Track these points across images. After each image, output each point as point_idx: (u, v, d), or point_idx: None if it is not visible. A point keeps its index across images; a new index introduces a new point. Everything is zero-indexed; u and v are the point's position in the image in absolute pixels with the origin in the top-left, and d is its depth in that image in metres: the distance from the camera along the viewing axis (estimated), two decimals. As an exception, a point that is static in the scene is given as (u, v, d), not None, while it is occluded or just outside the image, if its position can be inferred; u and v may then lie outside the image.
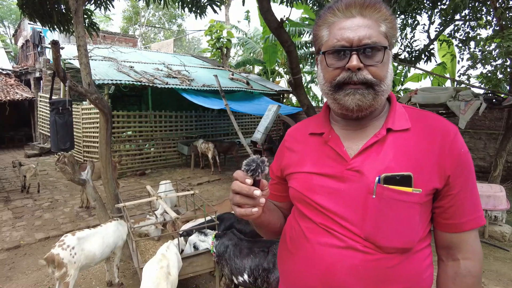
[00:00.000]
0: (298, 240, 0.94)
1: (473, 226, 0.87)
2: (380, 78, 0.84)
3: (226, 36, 12.95)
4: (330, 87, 0.87)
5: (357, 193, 0.85)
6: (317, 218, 0.90)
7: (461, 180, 0.85)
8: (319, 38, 0.90)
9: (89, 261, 2.88)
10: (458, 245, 0.89)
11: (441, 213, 0.88)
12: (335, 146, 0.91)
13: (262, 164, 0.75)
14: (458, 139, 0.87)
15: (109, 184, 3.81)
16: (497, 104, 5.27)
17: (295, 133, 1.06)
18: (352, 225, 0.84)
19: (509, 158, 7.51)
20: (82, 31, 3.06)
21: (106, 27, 25.95)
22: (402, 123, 0.89)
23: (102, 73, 7.68)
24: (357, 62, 0.81)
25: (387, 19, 0.86)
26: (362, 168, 0.85)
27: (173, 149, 9.30)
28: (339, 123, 0.96)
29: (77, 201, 5.96)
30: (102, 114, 3.38)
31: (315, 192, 0.90)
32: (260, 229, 1.04)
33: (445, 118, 0.90)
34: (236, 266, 2.27)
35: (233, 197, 0.78)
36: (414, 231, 0.84)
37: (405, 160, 0.84)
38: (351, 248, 0.84)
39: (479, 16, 5.91)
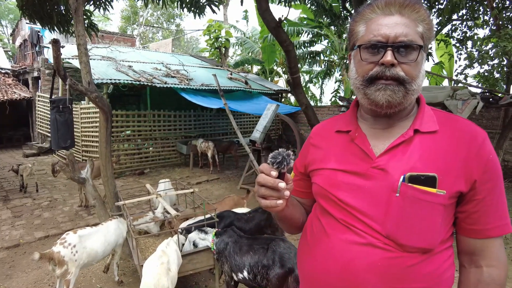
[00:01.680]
0: (318, 236, 0.96)
1: (499, 233, 0.86)
2: (412, 77, 0.84)
3: (225, 36, 12.97)
4: (362, 81, 0.88)
5: (381, 191, 0.86)
6: (338, 214, 0.91)
7: (488, 186, 0.84)
8: (355, 33, 0.92)
9: (91, 259, 2.90)
10: (482, 252, 0.88)
11: (465, 218, 0.88)
12: (361, 144, 0.92)
13: (287, 157, 0.76)
14: (487, 144, 0.86)
15: (109, 183, 3.83)
16: (494, 103, 5.31)
17: (321, 130, 1.08)
18: (374, 222, 0.85)
19: (506, 157, 7.56)
20: (82, 30, 3.08)
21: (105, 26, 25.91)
22: (430, 125, 0.89)
23: (101, 73, 7.68)
24: (392, 58, 0.82)
25: (425, 20, 0.87)
26: (387, 167, 0.86)
27: (172, 148, 9.31)
28: (367, 121, 0.97)
29: (76, 200, 5.97)
30: (102, 113, 3.40)
31: (339, 189, 0.92)
32: (282, 222, 1.06)
33: (474, 124, 0.90)
34: (235, 263, 2.30)
35: (258, 189, 0.80)
36: (436, 232, 0.84)
37: (431, 161, 0.84)
38: (371, 245, 0.85)
39: (477, 16, 5.95)
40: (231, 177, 8.07)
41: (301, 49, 11.91)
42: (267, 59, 12.44)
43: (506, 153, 7.42)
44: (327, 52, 12.34)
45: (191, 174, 8.25)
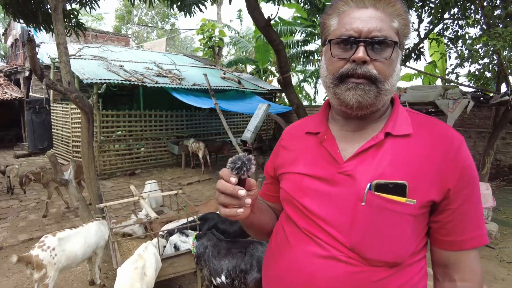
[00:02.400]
0: (282, 246, 0.90)
1: (474, 245, 0.80)
2: (385, 76, 0.78)
3: (218, 35, 12.91)
4: (332, 79, 0.81)
5: (346, 198, 0.79)
6: (302, 223, 0.85)
7: (462, 194, 0.78)
8: (327, 27, 0.85)
9: (70, 262, 2.84)
10: (456, 265, 0.82)
11: (438, 228, 0.81)
12: (329, 147, 0.86)
13: (248, 162, 0.70)
14: (463, 150, 0.80)
15: (92, 184, 3.76)
16: (485, 102, 5.29)
17: (292, 132, 1.01)
18: (338, 233, 0.79)
19: (498, 156, 7.55)
20: (61, 29, 3.01)
21: (99, 26, 25.78)
22: (403, 128, 0.83)
23: (91, 72, 7.60)
24: (364, 54, 0.76)
25: (401, 15, 0.80)
26: (354, 173, 0.80)
27: (164, 148, 9.24)
28: (337, 123, 0.90)
29: (64, 202, 5.88)
30: (83, 113, 3.33)
31: (305, 195, 0.85)
32: (249, 229, 1.00)
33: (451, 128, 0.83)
34: (214, 267, 2.24)
35: (218, 196, 0.74)
36: (404, 245, 0.78)
37: (401, 167, 0.78)
38: (334, 258, 0.79)
39: (468, 14, 5.92)
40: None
41: (295, 49, 11.86)
42: (260, 59, 12.38)
43: (498, 152, 7.42)
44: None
45: (182, 175, 8.18)
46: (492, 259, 3.75)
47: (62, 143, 9.41)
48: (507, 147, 7.55)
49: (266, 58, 12.49)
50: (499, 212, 5.30)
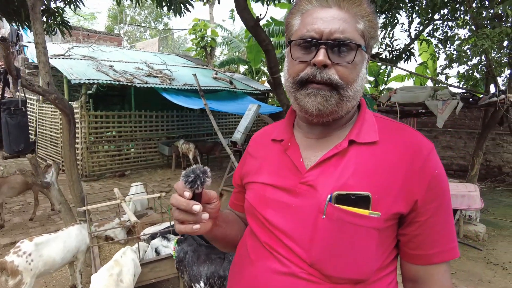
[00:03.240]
0: (244, 261, 0.85)
1: (443, 259, 0.75)
2: (347, 81, 0.73)
3: (211, 35, 12.83)
4: (292, 83, 0.77)
5: (307, 211, 0.74)
6: (263, 237, 0.80)
7: (431, 206, 0.73)
8: (290, 27, 0.80)
9: (48, 267, 2.76)
10: (425, 280, 0.77)
11: (407, 241, 0.76)
12: (293, 156, 0.81)
13: (202, 175, 0.66)
14: (432, 158, 0.75)
15: (75, 187, 3.68)
16: (474, 103, 5.31)
17: (259, 139, 0.96)
18: (299, 247, 0.74)
19: (488, 157, 7.59)
20: (40, 28, 2.93)
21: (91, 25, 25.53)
22: (369, 135, 0.78)
23: (79, 72, 7.49)
24: (324, 58, 0.71)
25: (367, 16, 0.76)
26: (316, 183, 0.75)
27: (154, 149, 9.15)
28: (302, 130, 0.86)
29: (49, 204, 5.77)
30: (63, 115, 3.25)
31: (267, 206, 0.80)
32: (214, 242, 0.94)
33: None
34: (193, 273, 2.19)
35: (173, 211, 0.68)
36: (369, 261, 0.72)
37: (365, 177, 0.73)
38: (294, 275, 0.73)
39: (457, 15, 5.93)
40: (214, 179, 7.91)
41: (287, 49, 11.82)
42: (253, 59, 12.34)
43: (487, 153, 7.45)
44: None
45: (173, 176, 8.10)
46: (479, 261, 3.74)
47: (51, 145, 9.28)
48: (497, 148, 7.59)
49: (259, 59, 12.44)
50: (488, 213, 5.31)
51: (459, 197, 4.26)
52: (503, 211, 5.52)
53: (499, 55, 5.10)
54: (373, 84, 11.77)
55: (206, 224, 0.71)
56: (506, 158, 7.51)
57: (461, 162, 7.99)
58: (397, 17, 6.46)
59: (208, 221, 0.71)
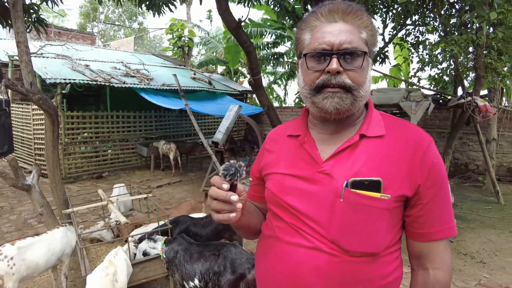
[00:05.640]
0: (270, 239, 0.96)
1: (442, 236, 0.88)
2: (358, 83, 0.85)
3: (188, 35, 12.74)
4: (309, 90, 0.88)
5: (326, 196, 0.86)
6: (288, 218, 0.92)
7: (432, 191, 0.86)
8: (301, 42, 0.92)
9: (31, 271, 2.70)
10: (428, 255, 0.90)
11: (411, 222, 0.89)
12: (309, 149, 0.93)
13: (240, 169, 0.76)
14: (432, 149, 0.88)
15: (58, 189, 3.61)
16: (444, 104, 5.63)
17: (275, 135, 1.08)
18: (320, 227, 0.86)
19: (456, 155, 8.03)
20: (22, 26, 2.87)
21: (62, 23, 24.63)
22: (377, 130, 0.90)
23: (54, 72, 7.26)
24: (337, 66, 0.82)
25: (368, 26, 0.88)
26: (332, 172, 0.87)
27: (132, 150, 8.99)
28: (316, 127, 0.97)
29: (26, 208, 5.59)
30: (47, 116, 3.19)
31: (287, 193, 0.92)
32: (239, 230, 1.07)
33: (420, 129, 0.91)
34: (186, 271, 2.23)
35: (210, 202, 0.79)
36: (381, 237, 0.85)
37: (375, 166, 0.85)
38: (317, 249, 0.85)
39: (427, 22, 6.27)
40: (194, 180, 7.93)
41: (265, 50, 11.97)
42: (231, 60, 12.38)
43: (455, 151, 7.89)
44: (291, 54, 12.49)
45: (152, 177, 8.01)
46: (450, 252, 3.99)
47: (23, 146, 8.93)
48: (464, 146, 8.04)
49: (237, 59, 12.50)
50: (457, 208, 5.65)
51: (432, 193, 4.52)
52: (470, 206, 5.88)
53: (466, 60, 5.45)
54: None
55: (238, 213, 0.80)
56: (472, 156, 7.98)
57: (431, 160, 8.40)
58: (372, 22, 6.73)
59: (239, 210, 0.80)
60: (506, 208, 5.75)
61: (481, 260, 3.77)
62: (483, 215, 5.39)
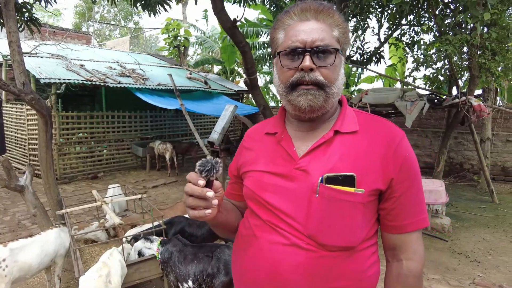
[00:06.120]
0: (248, 238, 0.96)
1: (415, 228, 0.90)
2: (330, 81, 0.87)
3: (184, 35, 12.70)
4: (284, 88, 0.89)
5: (302, 192, 0.87)
6: (265, 216, 0.92)
7: (404, 184, 0.88)
8: (276, 41, 0.94)
9: (23, 273, 2.68)
10: (401, 246, 0.92)
11: (385, 214, 0.91)
12: (286, 146, 0.94)
13: (216, 165, 0.76)
14: (404, 144, 0.90)
15: (51, 190, 3.59)
16: (439, 104, 5.65)
17: (253, 133, 1.09)
18: (297, 223, 0.86)
19: (451, 154, 8.08)
20: (14, 26, 2.84)
21: (57, 22, 24.48)
22: (351, 126, 0.92)
23: (48, 72, 7.21)
24: (310, 63, 0.84)
25: (340, 25, 0.90)
26: (308, 168, 0.88)
27: (128, 150, 8.96)
28: (292, 125, 0.98)
29: (20, 209, 5.55)
30: (40, 116, 3.16)
31: (266, 190, 0.92)
32: (217, 229, 1.06)
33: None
34: (180, 272, 2.22)
35: (186, 199, 0.78)
36: (356, 231, 0.86)
37: (349, 161, 0.87)
38: (295, 245, 0.86)
39: (422, 22, 6.29)
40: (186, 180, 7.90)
41: (261, 50, 11.96)
42: (227, 59, 12.36)
43: (450, 150, 7.93)
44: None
45: (147, 177, 7.98)
46: (445, 251, 4.01)
47: (17, 146, 8.86)
48: (459, 146, 8.09)
49: (233, 59, 12.48)
50: (452, 207, 5.68)
51: (427, 192, 4.54)
52: (464, 205, 5.91)
53: (460, 60, 5.47)
54: (344, 85, 12.13)
55: (214, 210, 0.80)
56: (467, 155, 8.02)
57: (427, 159, 8.45)
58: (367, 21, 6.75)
59: (216, 207, 0.80)
60: (500, 207, 5.79)
61: (475, 259, 3.79)
62: (477, 214, 5.42)
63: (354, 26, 6.79)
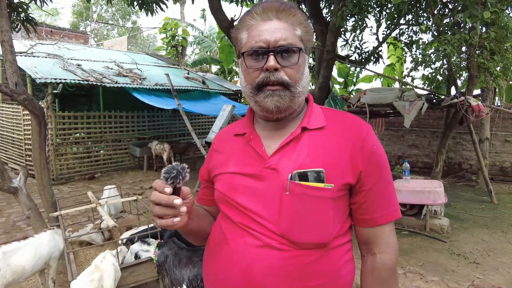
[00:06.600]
0: (219, 242, 0.94)
1: (386, 220, 0.90)
2: (295, 80, 0.86)
3: (181, 34, 12.65)
4: (251, 89, 0.88)
5: (273, 190, 0.86)
6: (236, 218, 0.90)
7: (374, 177, 0.88)
8: (239, 41, 0.93)
9: (17, 276, 2.64)
10: (374, 240, 0.91)
11: (357, 209, 0.91)
12: (255, 146, 0.93)
13: (182, 171, 0.73)
14: (370, 137, 0.90)
15: (46, 191, 3.54)
16: (437, 104, 5.62)
17: (222, 135, 1.08)
18: (269, 223, 0.85)
19: (450, 154, 8.06)
20: (6, 25, 2.79)
21: (54, 21, 24.36)
22: (317, 122, 0.92)
23: (45, 71, 7.15)
24: (274, 63, 0.83)
25: (302, 23, 0.90)
26: (278, 166, 0.87)
27: (125, 151, 8.92)
28: (261, 124, 0.98)
29: (15, 210, 5.50)
30: (33, 117, 3.12)
31: (237, 192, 0.91)
32: (189, 237, 1.03)
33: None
34: (175, 276, 2.18)
35: (152, 208, 0.76)
36: (328, 226, 0.85)
37: (318, 156, 0.86)
38: (268, 246, 0.84)
39: (421, 21, 6.26)
40: (188, 180, 7.85)
41: (259, 50, 11.87)
42: (225, 59, 12.32)
43: (449, 150, 7.91)
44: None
45: (144, 178, 7.94)
46: (444, 252, 3.98)
47: (13, 147, 8.81)
48: (457, 146, 8.07)
49: (231, 59, 12.43)
50: (450, 207, 5.65)
51: (426, 193, 4.52)
52: (463, 205, 5.89)
53: (459, 60, 5.44)
54: (342, 85, 12.11)
55: (184, 218, 0.78)
56: (465, 155, 8.00)
57: (425, 159, 8.42)
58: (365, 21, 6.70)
59: (185, 214, 0.78)
60: (499, 208, 5.77)
61: (474, 261, 3.76)
62: (476, 214, 5.40)
63: (353, 26, 6.75)
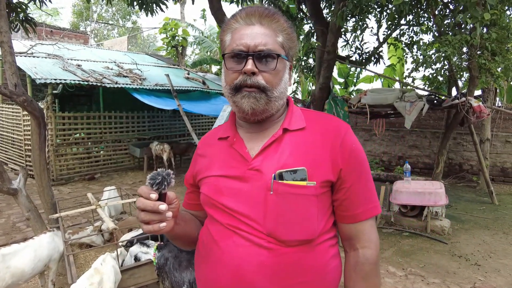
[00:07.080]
0: (208, 245, 0.95)
1: (367, 216, 0.93)
2: (272, 85, 0.89)
3: (182, 35, 12.64)
4: (229, 89, 0.91)
5: (258, 191, 0.88)
6: (224, 220, 0.92)
7: (353, 174, 0.91)
8: (223, 43, 0.96)
9: (16, 279, 2.62)
10: (356, 235, 0.94)
11: (339, 205, 0.94)
12: (239, 148, 0.95)
13: (168, 177, 0.74)
14: (349, 135, 0.94)
15: (45, 193, 3.52)
16: (438, 105, 5.61)
17: (206, 140, 1.10)
18: (256, 223, 0.87)
19: (450, 155, 8.04)
20: (5, 26, 2.78)
21: (54, 21, 24.34)
22: (298, 123, 0.95)
23: (44, 72, 7.14)
24: (252, 67, 0.86)
25: (285, 30, 0.93)
26: (261, 167, 0.90)
27: (125, 151, 8.91)
28: (243, 127, 1.00)
29: (15, 211, 5.48)
30: (33, 118, 3.10)
31: (222, 194, 0.93)
32: (176, 241, 1.04)
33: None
34: (175, 279, 2.17)
35: (138, 214, 0.76)
36: (313, 223, 0.88)
37: (300, 156, 0.89)
38: (256, 245, 0.87)
39: (421, 22, 6.24)
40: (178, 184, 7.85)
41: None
42: (225, 59, 12.27)
43: (449, 151, 7.89)
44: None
45: (145, 178, 7.75)
46: (445, 254, 3.97)
47: (13, 147, 8.79)
48: (458, 146, 8.06)
49: (231, 59, 12.39)
50: (451, 209, 5.64)
51: (427, 194, 4.50)
52: (464, 206, 5.88)
53: (460, 61, 5.42)
54: (342, 85, 12.09)
55: (170, 222, 0.80)
56: (466, 156, 7.99)
57: (426, 160, 8.41)
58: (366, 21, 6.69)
59: (171, 219, 0.80)
60: (500, 209, 5.75)
61: (476, 262, 3.75)
62: (477, 215, 5.38)
63: (353, 26, 6.73)
